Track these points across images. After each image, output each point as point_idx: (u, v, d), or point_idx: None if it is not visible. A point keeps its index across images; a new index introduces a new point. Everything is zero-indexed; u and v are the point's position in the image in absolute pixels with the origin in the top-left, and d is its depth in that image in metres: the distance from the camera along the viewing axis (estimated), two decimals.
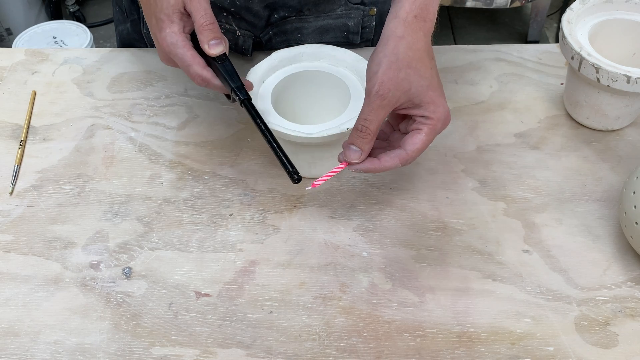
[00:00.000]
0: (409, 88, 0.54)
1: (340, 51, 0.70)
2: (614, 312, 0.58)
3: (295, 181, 0.55)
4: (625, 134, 0.74)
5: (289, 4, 0.79)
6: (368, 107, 0.54)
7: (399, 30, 0.54)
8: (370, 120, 0.54)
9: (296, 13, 0.80)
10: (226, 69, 0.59)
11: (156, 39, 0.61)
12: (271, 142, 0.56)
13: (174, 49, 0.58)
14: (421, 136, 0.55)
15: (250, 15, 0.80)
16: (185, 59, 0.58)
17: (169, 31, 0.58)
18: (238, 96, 0.59)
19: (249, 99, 0.59)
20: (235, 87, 0.59)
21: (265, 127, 0.57)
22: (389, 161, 0.56)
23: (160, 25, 0.59)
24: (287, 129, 0.62)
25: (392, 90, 0.53)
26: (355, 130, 0.55)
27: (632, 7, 0.72)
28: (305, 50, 0.70)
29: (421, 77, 0.54)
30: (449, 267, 0.62)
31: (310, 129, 0.62)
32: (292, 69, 0.70)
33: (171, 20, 0.58)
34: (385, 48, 0.54)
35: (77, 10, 2.30)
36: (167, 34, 0.58)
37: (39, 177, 0.71)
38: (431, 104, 0.55)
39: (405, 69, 0.53)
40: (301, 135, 0.62)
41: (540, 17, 2.17)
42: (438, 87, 0.56)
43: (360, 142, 0.55)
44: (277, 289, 0.61)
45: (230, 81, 0.59)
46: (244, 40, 0.82)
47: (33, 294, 0.61)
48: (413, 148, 0.55)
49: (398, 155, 0.56)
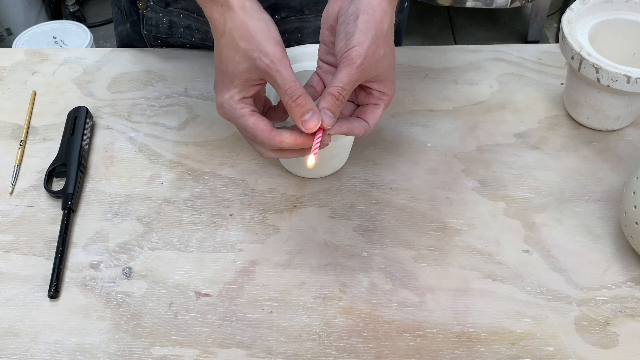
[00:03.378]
0: (382, 65, 0.54)
1: None
2: (614, 312, 0.58)
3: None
4: (625, 134, 0.74)
5: (290, 5, 0.79)
6: (348, 76, 0.52)
7: (384, 3, 0.54)
8: (347, 89, 0.53)
9: (297, 13, 0.80)
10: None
11: (216, 98, 0.56)
12: None
13: (233, 118, 0.54)
14: (379, 111, 0.57)
15: None
16: (248, 126, 0.54)
17: (227, 97, 0.54)
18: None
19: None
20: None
21: None
22: (358, 128, 0.56)
23: (216, 88, 0.55)
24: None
25: (372, 66, 0.53)
26: (331, 96, 0.53)
27: (632, 7, 0.72)
28: (305, 50, 0.70)
29: (392, 57, 0.55)
30: (449, 267, 0.62)
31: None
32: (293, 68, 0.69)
33: (233, 85, 0.53)
34: (372, 18, 0.53)
35: (77, 10, 2.30)
36: (225, 100, 0.54)
37: (39, 177, 0.71)
38: (390, 82, 0.56)
39: (384, 46, 0.53)
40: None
41: (540, 17, 2.17)
42: (394, 64, 0.57)
43: (335, 109, 0.53)
44: (277, 289, 0.61)
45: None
46: None
47: (33, 294, 0.61)
48: (373, 122, 0.57)
49: (363, 127, 0.56)
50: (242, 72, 0.52)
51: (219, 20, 0.53)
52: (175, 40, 0.84)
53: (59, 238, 0.64)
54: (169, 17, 0.82)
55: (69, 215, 0.66)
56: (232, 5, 0.52)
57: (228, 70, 0.53)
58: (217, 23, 0.54)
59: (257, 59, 0.51)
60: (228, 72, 0.53)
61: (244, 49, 0.52)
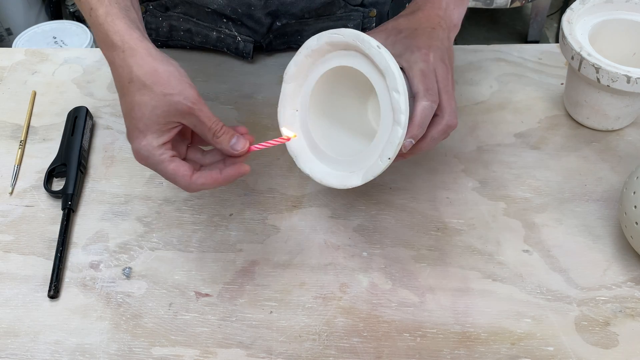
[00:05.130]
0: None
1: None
2: (614, 312, 0.58)
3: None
4: (625, 134, 0.74)
5: (290, 12, 0.79)
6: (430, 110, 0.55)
7: (443, 22, 0.58)
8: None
9: (297, 19, 0.80)
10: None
11: (131, 145, 0.54)
12: None
13: (153, 164, 0.53)
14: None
15: (252, 22, 0.79)
16: (168, 173, 0.52)
17: (144, 144, 0.52)
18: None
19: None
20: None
21: None
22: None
23: (130, 135, 0.52)
24: (331, 182, 0.58)
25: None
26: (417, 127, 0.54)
27: (632, 7, 0.72)
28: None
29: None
30: (449, 267, 0.62)
31: (353, 177, 0.56)
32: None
33: (150, 131, 0.51)
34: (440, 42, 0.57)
35: (77, 10, 2.29)
36: (142, 146, 0.52)
37: (39, 177, 0.71)
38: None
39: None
40: (349, 186, 0.57)
41: (540, 17, 2.17)
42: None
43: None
44: (277, 289, 0.61)
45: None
46: (245, 45, 0.82)
47: (33, 294, 0.61)
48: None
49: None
50: (160, 117, 0.51)
51: (122, 66, 0.51)
52: (175, 43, 0.85)
53: (59, 238, 0.64)
54: (169, 21, 0.82)
55: (69, 215, 0.66)
56: (137, 52, 0.51)
57: (144, 117, 0.51)
58: (120, 70, 0.52)
59: (178, 103, 0.50)
60: (144, 118, 0.51)
61: (161, 94, 0.50)
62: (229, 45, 0.82)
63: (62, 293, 0.61)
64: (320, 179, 0.58)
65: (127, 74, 0.51)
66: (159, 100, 0.50)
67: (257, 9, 0.77)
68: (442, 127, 0.56)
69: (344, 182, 0.57)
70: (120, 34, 0.51)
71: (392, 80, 0.52)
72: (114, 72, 0.53)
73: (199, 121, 0.52)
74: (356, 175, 0.56)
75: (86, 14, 0.54)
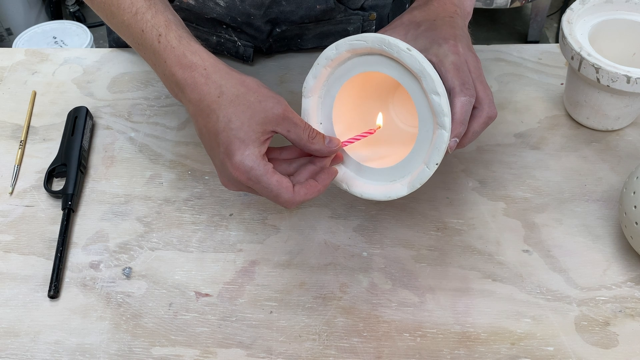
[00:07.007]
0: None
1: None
2: (614, 312, 0.58)
3: None
4: (625, 134, 0.74)
5: (290, 19, 0.78)
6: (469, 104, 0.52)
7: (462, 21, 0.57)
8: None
9: (297, 24, 0.80)
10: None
11: (224, 165, 0.51)
12: None
13: (255, 176, 0.50)
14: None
15: (252, 30, 0.79)
16: (271, 185, 0.50)
17: (247, 153, 0.49)
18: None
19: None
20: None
21: None
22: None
23: (230, 148, 0.50)
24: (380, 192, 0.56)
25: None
26: (459, 124, 0.52)
27: (632, 7, 0.72)
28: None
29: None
30: (449, 267, 0.62)
31: (397, 187, 0.55)
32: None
33: (251, 140, 0.50)
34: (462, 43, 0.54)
35: (77, 10, 2.30)
36: (246, 156, 0.49)
37: (39, 177, 0.71)
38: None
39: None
40: (396, 196, 0.55)
41: (540, 17, 2.17)
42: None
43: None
44: (277, 289, 0.61)
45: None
46: (245, 49, 0.82)
47: (33, 294, 0.61)
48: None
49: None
50: (258, 124, 0.50)
51: (206, 83, 0.51)
52: None
53: (59, 238, 0.64)
54: None
55: (69, 215, 0.66)
56: (219, 67, 0.51)
57: (244, 125, 0.49)
58: (205, 87, 0.51)
59: (273, 108, 0.50)
60: (244, 127, 0.49)
61: (256, 101, 0.50)
62: (229, 49, 0.82)
63: (62, 293, 0.61)
64: (360, 193, 0.56)
65: (216, 89, 0.51)
66: (254, 108, 0.50)
67: (256, 17, 0.77)
68: (483, 119, 0.54)
69: (388, 194, 0.54)
70: (199, 53, 0.52)
71: (429, 83, 0.50)
72: (193, 92, 0.52)
73: (294, 124, 0.51)
74: (400, 184, 0.54)
75: (153, 42, 0.53)
